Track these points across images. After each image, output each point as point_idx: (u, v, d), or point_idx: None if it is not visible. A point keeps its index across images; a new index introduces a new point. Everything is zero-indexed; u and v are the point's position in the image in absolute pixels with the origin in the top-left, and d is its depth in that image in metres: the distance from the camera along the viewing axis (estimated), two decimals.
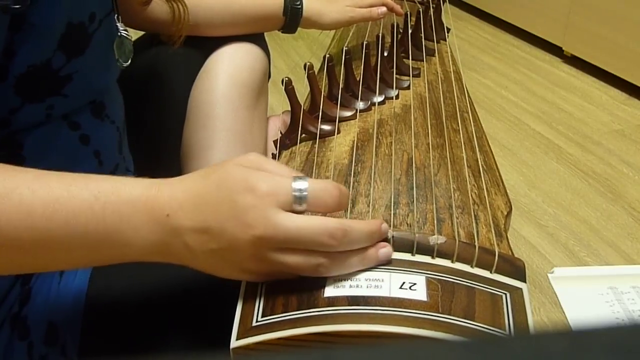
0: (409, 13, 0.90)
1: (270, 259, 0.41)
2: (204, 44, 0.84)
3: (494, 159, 0.63)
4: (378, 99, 0.72)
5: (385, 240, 0.46)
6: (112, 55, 0.62)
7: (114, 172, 0.64)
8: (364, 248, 0.44)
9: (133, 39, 0.83)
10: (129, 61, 0.66)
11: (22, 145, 0.55)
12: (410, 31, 0.88)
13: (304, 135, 0.66)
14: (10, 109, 0.52)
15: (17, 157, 0.54)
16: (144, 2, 0.75)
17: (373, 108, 0.71)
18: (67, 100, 0.55)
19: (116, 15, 0.63)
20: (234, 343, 0.40)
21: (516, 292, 0.43)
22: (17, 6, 0.46)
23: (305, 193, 0.42)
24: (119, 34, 0.64)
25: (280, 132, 0.69)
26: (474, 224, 0.50)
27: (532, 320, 0.41)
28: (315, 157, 0.62)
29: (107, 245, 0.42)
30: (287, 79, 0.67)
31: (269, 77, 0.96)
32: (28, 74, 0.51)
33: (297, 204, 0.42)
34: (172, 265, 0.57)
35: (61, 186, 0.42)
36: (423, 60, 0.86)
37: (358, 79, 0.75)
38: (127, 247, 0.42)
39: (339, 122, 0.67)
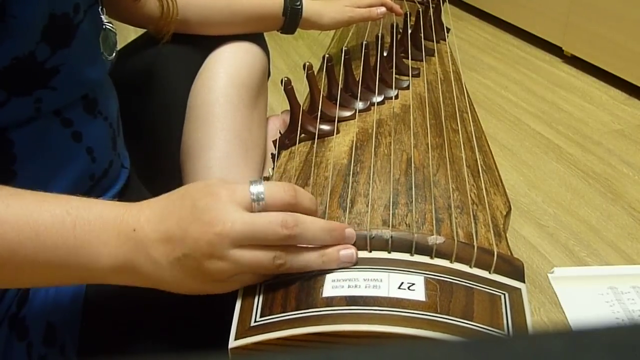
0: (408, 13, 0.90)
1: (230, 257, 0.42)
2: (204, 43, 0.84)
3: (493, 159, 0.63)
4: (377, 99, 0.72)
5: (383, 240, 0.46)
6: (99, 47, 0.62)
7: (108, 168, 0.64)
8: (324, 246, 0.45)
9: (132, 38, 0.83)
10: (114, 54, 0.65)
11: (13, 143, 0.54)
12: (409, 31, 0.88)
13: (303, 135, 0.66)
14: None
15: (8, 155, 0.54)
16: None
17: (372, 108, 0.71)
18: (56, 93, 0.55)
19: (100, 7, 0.63)
20: (233, 343, 0.40)
21: (515, 293, 0.43)
22: None
23: (262, 191, 0.44)
24: (103, 26, 0.63)
25: (280, 132, 0.69)
26: (473, 224, 0.50)
27: (531, 320, 0.41)
28: (314, 157, 0.61)
29: (74, 261, 0.43)
30: (286, 79, 0.67)
31: (269, 76, 0.96)
32: (12, 67, 0.51)
33: (256, 203, 0.44)
34: None
35: (35, 201, 0.44)
36: (422, 60, 0.86)
37: (357, 79, 0.75)
38: (94, 263, 0.44)
39: (338, 122, 0.67)
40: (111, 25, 0.65)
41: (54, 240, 0.42)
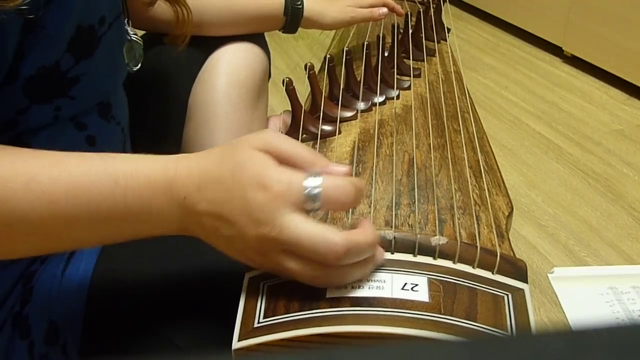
0: (409, 13, 0.90)
1: (275, 259, 0.41)
2: (205, 44, 0.84)
3: (495, 160, 0.63)
4: (379, 99, 0.72)
5: (386, 241, 0.46)
6: (120, 58, 0.62)
7: None
8: (360, 263, 0.43)
9: None
10: (139, 65, 0.66)
11: (29, 146, 0.54)
12: (410, 31, 0.88)
13: (304, 135, 0.66)
14: (18, 110, 0.52)
15: None
16: (148, 3, 0.75)
17: (374, 108, 0.71)
18: (75, 102, 0.55)
19: (126, 19, 0.63)
20: (236, 344, 0.40)
21: (518, 293, 0.43)
22: (31, 16, 0.46)
23: (318, 191, 0.41)
24: (128, 38, 0.64)
25: (281, 132, 0.69)
26: (476, 225, 0.50)
27: (534, 320, 0.41)
28: None
29: (131, 225, 0.44)
30: (287, 79, 0.67)
31: (269, 77, 0.96)
32: (37, 76, 0.51)
33: (310, 203, 0.41)
34: (173, 266, 0.57)
35: (80, 171, 0.42)
36: (424, 61, 0.86)
37: (359, 79, 0.75)
38: (151, 228, 0.44)
39: (339, 122, 0.67)
40: (137, 36, 0.66)
41: (107, 212, 0.42)
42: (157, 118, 0.85)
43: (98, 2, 0.54)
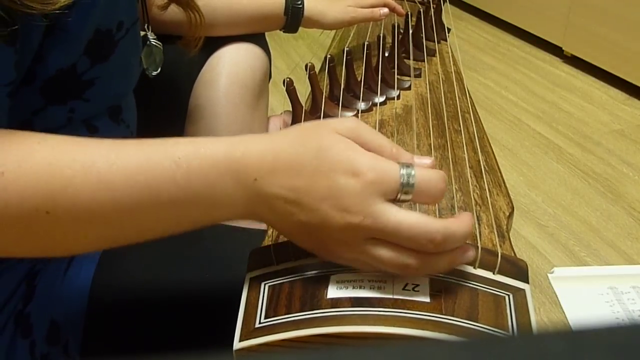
0: (409, 13, 0.90)
1: (360, 247, 0.40)
2: (206, 44, 0.84)
3: (496, 160, 0.63)
4: (379, 99, 0.72)
5: None
6: (134, 63, 0.63)
7: None
8: (451, 252, 0.42)
9: None
10: (159, 70, 0.65)
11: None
12: (411, 31, 0.88)
13: None
14: (33, 110, 0.52)
15: None
16: (162, 7, 0.75)
17: (374, 109, 0.71)
18: (88, 104, 0.55)
19: (146, 24, 0.63)
20: (237, 345, 0.40)
21: (519, 293, 0.43)
22: (55, 19, 0.45)
23: (413, 178, 0.39)
24: (147, 42, 0.63)
25: None
26: (477, 225, 0.50)
27: (535, 321, 0.41)
28: None
29: (194, 209, 0.41)
30: (288, 79, 0.67)
31: (270, 77, 0.96)
32: (54, 78, 0.51)
33: (404, 193, 0.39)
34: (174, 266, 0.57)
35: (139, 154, 0.40)
36: (424, 61, 0.86)
37: (359, 79, 0.75)
38: (215, 211, 0.41)
39: None
40: (157, 41, 0.65)
41: (169, 195, 0.40)
42: (158, 118, 0.85)
43: (117, 6, 0.54)
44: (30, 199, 0.39)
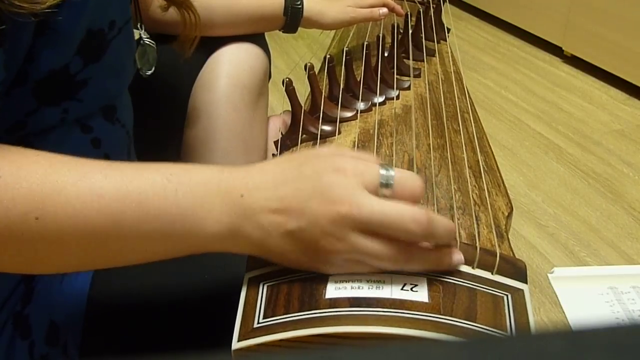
0: (409, 13, 0.90)
1: (349, 240, 0.40)
2: (205, 45, 0.84)
3: (495, 160, 0.63)
4: (379, 99, 0.72)
5: None
6: (127, 63, 0.62)
7: None
8: (439, 248, 0.43)
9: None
10: (152, 69, 0.65)
11: (35, 148, 0.55)
12: (410, 31, 0.88)
13: (304, 135, 0.66)
14: (26, 112, 0.52)
15: None
16: (163, 8, 0.75)
17: (374, 108, 0.71)
18: (82, 105, 0.55)
19: (139, 23, 0.63)
20: (236, 345, 0.40)
21: (517, 294, 0.43)
22: (44, 18, 0.46)
23: (392, 176, 0.41)
24: (141, 42, 0.63)
25: (281, 132, 0.69)
26: (475, 225, 0.50)
27: (534, 321, 0.41)
28: None
29: (179, 229, 0.41)
30: (287, 79, 0.67)
31: (270, 77, 0.96)
32: (47, 78, 0.51)
33: (384, 188, 0.41)
34: (173, 266, 0.57)
35: (133, 170, 0.42)
36: (423, 61, 0.86)
37: (358, 79, 0.75)
38: (199, 230, 0.42)
39: (339, 122, 0.67)
40: (150, 40, 0.65)
41: (157, 209, 0.41)
42: (158, 119, 0.85)
43: (109, 6, 0.54)
44: (22, 203, 0.39)
